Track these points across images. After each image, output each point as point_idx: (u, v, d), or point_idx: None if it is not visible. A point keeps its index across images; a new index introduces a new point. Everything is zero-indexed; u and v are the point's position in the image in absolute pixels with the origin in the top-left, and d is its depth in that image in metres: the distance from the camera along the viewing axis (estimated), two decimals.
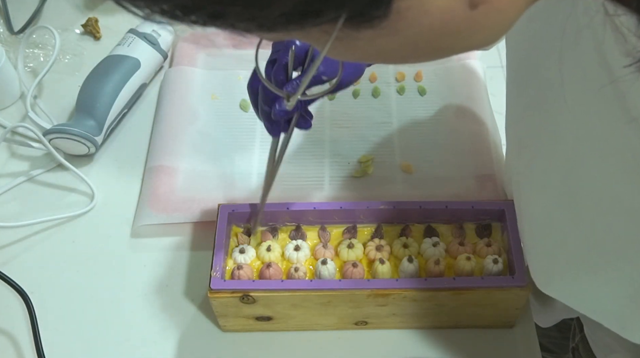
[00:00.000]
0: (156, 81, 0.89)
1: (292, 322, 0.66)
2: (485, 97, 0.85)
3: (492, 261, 0.63)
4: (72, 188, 0.80)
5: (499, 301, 0.63)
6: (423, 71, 0.87)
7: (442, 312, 0.64)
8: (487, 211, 0.66)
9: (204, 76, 0.88)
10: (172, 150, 0.80)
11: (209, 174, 0.78)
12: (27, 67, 0.90)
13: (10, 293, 0.70)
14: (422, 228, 0.68)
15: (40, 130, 0.78)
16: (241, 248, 0.65)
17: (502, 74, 2.33)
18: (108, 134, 0.83)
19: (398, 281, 0.61)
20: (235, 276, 0.63)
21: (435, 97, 0.85)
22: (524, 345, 0.67)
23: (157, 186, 0.76)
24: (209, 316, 0.69)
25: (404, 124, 0.83)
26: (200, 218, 0.74)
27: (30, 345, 0.68)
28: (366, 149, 0.80)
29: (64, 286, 0.72)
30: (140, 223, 0.74)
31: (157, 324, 0.69)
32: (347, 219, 0.68)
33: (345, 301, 0.62)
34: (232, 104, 0.85)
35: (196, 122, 0.83)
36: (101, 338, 0.69)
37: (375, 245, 0.65)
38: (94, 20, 0.95)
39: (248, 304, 0.62)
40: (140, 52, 0.85)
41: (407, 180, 0.77)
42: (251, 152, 0.81)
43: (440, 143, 0.80)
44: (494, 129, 0.81)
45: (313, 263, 0.65)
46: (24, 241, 0.76)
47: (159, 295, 0.71)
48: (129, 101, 0.84)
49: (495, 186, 0.75)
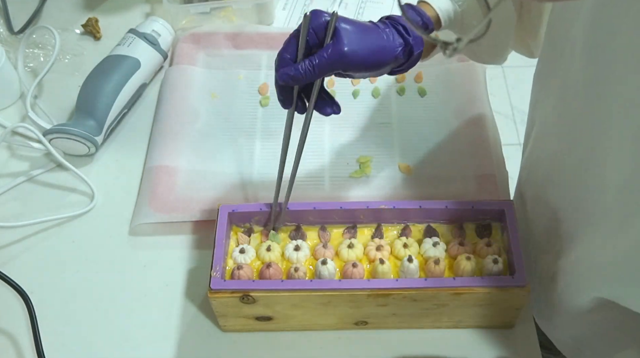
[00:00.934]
0: (156, 81, 0.89)
1: (292, 321, 0.66)
2: (485, 97, 0.85)
3: (492, 261, 0.63)
4: (72, 188, 0.80)
5: (499, 301, 0.63)
6: (423, 72, 0.87)
7: (442, 312, 0.64)
8: (487, 211, 0.66)
9: (204, 75, 0.88)
10: (172, 149, 0.80)
11: (209, 174, 0.78)
12: (27, 67, 0.90)
13: (10, 293, 0.70)
14: (422, 228, 0.68)
15: (40, 130, 0.78)
16: (241, 248, 0.65)
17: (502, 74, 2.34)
18: (108, 134, 0.83)
19: (398, 281, 0.61)
20: (235, 276, 0.63)
21: (435, 98, 0.85)
22: (524, 345, 0.67)
23: (156, 185, 0.76)
24: (209, 316, 0.69)
25: (404, 125, 0.83)
26: (199, 217, 0.74)
27: (30, 345, 0.68)
28: (366, 149, 0.80)
29: (64, 286, 0.72)
30: (138, 221, 0.74)
31: (157, 324, 0.69)
32: (347, 219, 0.68)
33: (345, 301, 0.62)
34: (232, 103, 0.85)
35: (196, 121, 0.83)
36: (101, 338, 0.69)
37: (375, 245, 0.65)
38: (94, 20, 0.95)
39: (248, 304, 0.62)
40: (140, 52, 0.85)
41: (407, 180, 0.77)
42: (251, 152, 0.81)
43: (440, 144, 0.80)
44: (494, 129, 0.81)
45: (313, 263, 0.65)
46: (24, 241, 0.76)
47: (159, 295, 0.71)
48: (129, 101, 0.84)
49: (495, 186, 0.75)
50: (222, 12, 0.93)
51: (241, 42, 0.91)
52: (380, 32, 0.60)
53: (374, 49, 0.58)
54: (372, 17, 0.96)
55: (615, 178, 0.50)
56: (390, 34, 0.60)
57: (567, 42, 0.55)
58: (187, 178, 0.78)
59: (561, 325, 0.73)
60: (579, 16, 0.51)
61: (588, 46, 0.50)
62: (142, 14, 0.98)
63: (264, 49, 0.90)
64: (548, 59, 0.62)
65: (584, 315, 0.65)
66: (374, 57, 0.59)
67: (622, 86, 0.46)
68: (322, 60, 0.56)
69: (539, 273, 0.72)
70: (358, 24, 0.59)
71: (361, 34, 0.58)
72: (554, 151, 0.62)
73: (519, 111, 1.92)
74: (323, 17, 0.57)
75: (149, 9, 0.98)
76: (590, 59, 0.50)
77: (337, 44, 0.56)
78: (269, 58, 0.90)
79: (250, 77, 0.88)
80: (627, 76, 0.46)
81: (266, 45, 0.91)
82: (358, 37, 0.57)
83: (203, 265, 0.72)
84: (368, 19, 0.97)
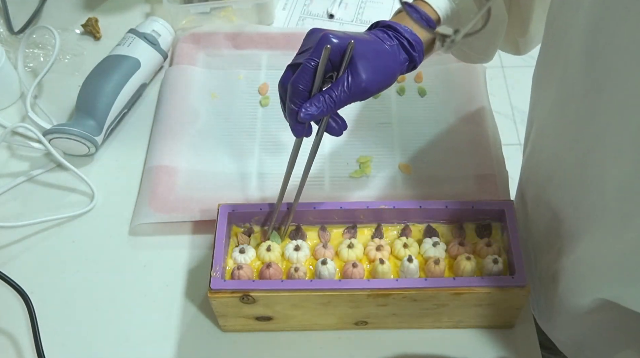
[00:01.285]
0: (156, 80, 0.89)
1: (292, 321, 0.66)
2: (485, 97, 0.85)
3: (492, 261, 0.63)
4: (72, 188, 0.80)
5: (499, 301, 0.63)
6: (423, 72, 0.87)
7: (442, 312, 0.64)
8: (487, 211, 0.66)
9: (204, 74, 0.88)
10: (172, 149, 0.80)
11: (209, 174, 0.78)
12: (27, 67, 0.90)
13: (10, 293, 0.70)
14: (422, 228, 0.68)
15: (40, 130, 0.78)
16: (241, 248, 0.65)
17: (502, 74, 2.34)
18: (108, 134, 0.83)
19: (398, 281, 0.61)
20: (235, 276, 0.63)
21: (435, 98, 0.85)
22: (524, 345, 0.67)
23: (156, 185, 0.76)
24: (209, 316, 0.69)
25: (404, 125, 0.83)
26: (199, 217, 0.74)
27: (30, 345, 0.68)
28: (366, 149, 0.80)
29: (64, 286, 0.72)
30: (138, 221, 0.74)
31: (157, 324, 0.69)
32: (347, 219, 0.68)
33: (345, 301, 0.62)
34: (232, 103, 0.85)
35: (196, 121, 0.83)
36: (101, 338, 0.69)
37: (375, 245, 0.65)
38: (94, 20, 0.95)
39: (248, 304, 0.62)
40: (140, 52, 0.85)
41: (407, 180, 0.77)
42: (251, 151, 0.81)
43: (440, 144, 0.80)
44: (494, 129, 0.81)
45: (313, 263, 0.65)
46: (24, 241, 0.76)
47: (159, 295, 0.71)
48: (129, 101, 0.84)
49: (495, 186, 0.75)
50: (222, 12, 0.93)
51: (241, 42, 0.91)
52: (389, 53, 0.59)
53: (386, 74, 0.58)
54: (372, 17, 0.97)
55: (615, 178, 0.50)
56: (396, 50, 0.60)
57: (565, 43, 0.55)
58: (187, 178, 0.78)
59: (561, 325, 0.73)
60: (577, 15, 0.51)
61: (588, 47, 0.50)
62: (142, 14, 0.98)
63: (264, 49, 0.90)
64: (546, 59, 0.62)
65: (584, 315, 0.65)
66: (386, 81, 0.59)
67: (623, 87, 0.47)
68: (342, 95, 0.56)
69: (539, 273, 0.72)
70: (371, 50, 0.58)
71: (375, 61, 0.57)
72: (553, 152, 0.63)
73: (519, 111, 1.92)
74: (337, 44, 0.56)
75: (149, 9, 0.98)
76: (589, 60, 0.50)
77: (356, 77, 0.56)
78: (269, 58, 0.90)
79: (250, 77, 0.88)
80: (628, 77, 0.46)
81: (266, 45, 0.91)
82: (373, 66, 0.57)
83: (203, 265, 0.72)
84: (368, 20, 0.97)
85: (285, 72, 0.58)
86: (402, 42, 0.60)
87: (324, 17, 0.98)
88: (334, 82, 0.56)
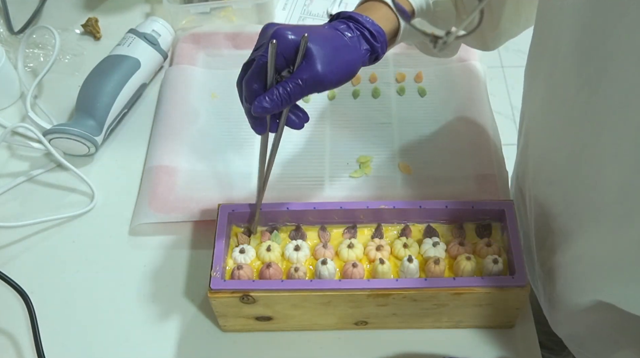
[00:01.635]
0: (156, 80, 0.89)
1: (292, 321, 0.66)
2: (485, 97, 0.85)
3: (492, 261, 0.63)
4: (72, 188, 0.80)
5: (499, 301, 0.63)
6: (423, 72, 0.87)
7: (442, 312, 0.64)
8: (487, 211, 0.66)
9: (204, 75, 0.88)
10: (172, 149, 0.80)
11: (209, 174, 0.78)
12: (27, 67, 0.90)
13: (10, 293, 0.70)
14: (422, 228, 0.68)
15: (40, 130, 0.78)
16: (241, 248, 0.65)
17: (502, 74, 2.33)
18: (108, 134, 0.83)
19: (398, 281, 0.61)
20: (235, 276, 0.63)
21: (435, 98, 0.85)
22: (524, 345, 0.67)
23: (156, 185, 0.76)
24: (209, 316, 0.69)
25: (404, 125, 0.83)
26: (199, 217, 0.74)
27: (30, 345, 0.68)
28: (366, 149, 0.80)
29: (64, 286, 0.72)
30: (138, 221, 0.74)
31: (157, 324, 0.69)
32: (347, 219, 0.68)
33: (345, 301, 0.62)
34: (232, 103, 0.85)
35: (196, 121, 0.83)
36: (101, 338, 0.69)
37: (375, 245, 0.65)
38: (94, 20, 0.95)
39: (248, 304, 0.62)
40: (140, 52, 0.85)
41: (407, 180, 0.77)
42: (251, 151, 0.81)
43: (440, 144, 0.80)
44: (494, 129, 0.81)
45: (313, 263, 0.65)
46: (24, 241, 0.76)
47: (159, 295, 0.71)
48: (129, 101, 0.84)
49: (496, 186, 0.75)
50: (222, 12, 0.93)
51: (241, 42, 0.91)
52: (348, 44, 0.58)
53: (345, 65, 0.57)
54: None
55: (614, 177, 0.50)
56: (356, 41, 0.59)
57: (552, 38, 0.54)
58: (187, 178, 0.78)
59: (560, 322, 0.73)
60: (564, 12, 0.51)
61: (580, 45, 0.50)
62: (142, 14, 0.98)
63: None
64: (536, 56, 0.62)
65: (582, 314, 0.64)
66: (346, 73, 0.58)
67: (622, 86, 0.46)
68: (297, 87, 0.55)
69: (537, 270, 0.72)
70: (327, 41, 0.57)
71: (331, 52, 0.56)
72: (543, 147, 0.63)
73: (519, 111, 1.91)
74: (289, 38, 0.55)
75: (149, 9, 0.98)
76: (582, 58, 0.50)
77: (311, 69, 0.55)
78: None
79: None
80: (627, 76, 0.46)
81: None
82: (330, 57, 0.56)
83: (203, 265, 0.72)
84: None
85: (241, 72, 0.58)
86: (363, 33, 0.60)
87: (324, 17, 0.98)
88: (289, 76, 0.56)
